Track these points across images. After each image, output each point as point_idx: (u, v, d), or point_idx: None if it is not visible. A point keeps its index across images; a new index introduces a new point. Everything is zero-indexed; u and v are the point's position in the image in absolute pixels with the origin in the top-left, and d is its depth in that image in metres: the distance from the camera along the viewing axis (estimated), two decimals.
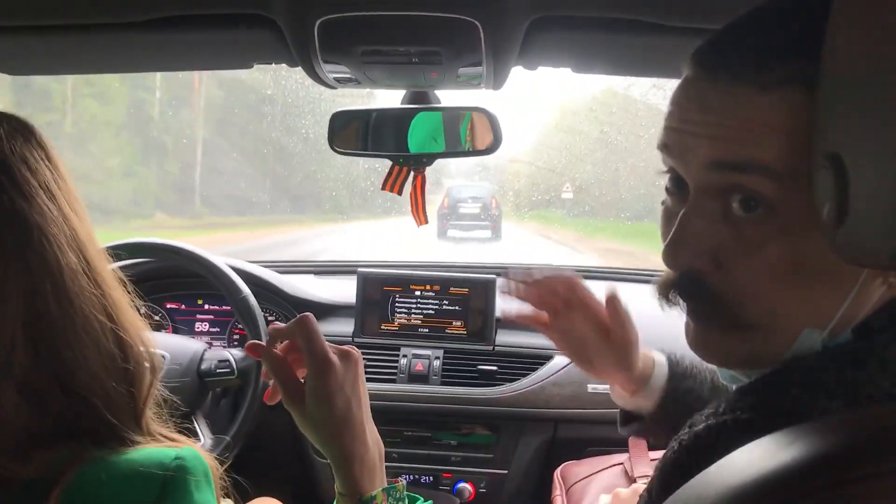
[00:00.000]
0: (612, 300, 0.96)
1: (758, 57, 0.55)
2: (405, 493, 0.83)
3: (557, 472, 1.48)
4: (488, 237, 10.77)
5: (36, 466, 0.64)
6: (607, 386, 1.63)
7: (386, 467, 1.66)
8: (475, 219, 10.83)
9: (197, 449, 0.72)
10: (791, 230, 0.55)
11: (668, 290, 0.63)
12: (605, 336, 0.98)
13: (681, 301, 0.63)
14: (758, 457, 0.44)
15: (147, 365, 0.74)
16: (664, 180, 0.65)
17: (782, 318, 0.58)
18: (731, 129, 0.55)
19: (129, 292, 0.77)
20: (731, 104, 0.55)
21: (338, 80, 1.07)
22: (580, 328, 0.98)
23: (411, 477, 1.70)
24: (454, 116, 1.28)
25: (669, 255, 0.60)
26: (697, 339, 0.64)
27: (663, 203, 0.65)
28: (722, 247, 0.58)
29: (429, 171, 1.29)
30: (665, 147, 0.61)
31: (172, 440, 0.74)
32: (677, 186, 0.62)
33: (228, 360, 1.55)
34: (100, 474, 0.65)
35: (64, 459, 0.65)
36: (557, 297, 0.99)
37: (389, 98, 1.27)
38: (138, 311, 0.78)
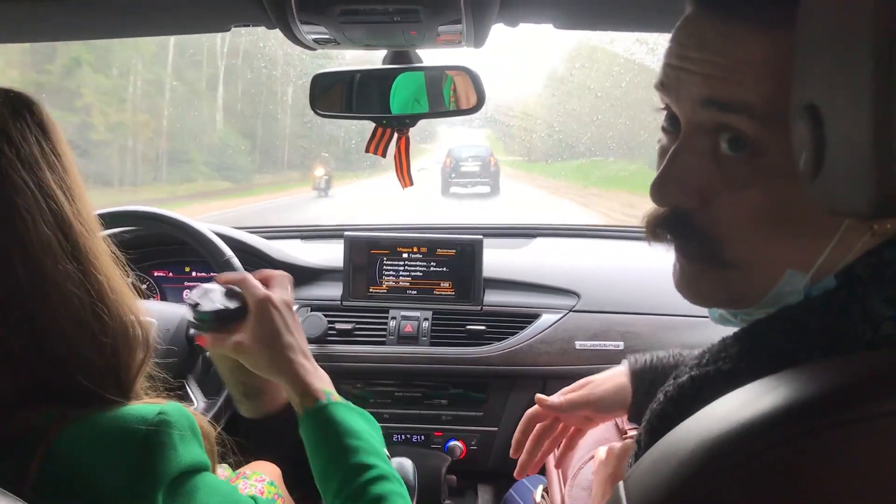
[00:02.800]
0: (541, 404, 1.10)
1: None
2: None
3: None
4: (487, 192, 11.67)
5: (18, 425, 0.65)
6: (595, 342, 1.66)
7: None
8: (475, 176, 11.80)
9: (184, 407, 0.72)
10: (776, 173, 0.55)
11: (657, 227, 0.63)
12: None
13: (668, 238, 0.64)
14: (737, 405, 0.45)
15: (141, 339, 0.74)
16: (661, 118, 0.65)
17: (764, 259, 0.58)
18: (723, 68, 0.56)
19: (123, 268, 0.76)
20: (725, 43, 0.56)
21: (317, 41, 1.05)
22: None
23: (403, 436, 1.73)
24: (437, 76, 1.26)
25: (657, 189, 0.61)
26: (682, 277, 0.65)
27: (659, 141, 0.66)
28: (709, 184, 0.59)
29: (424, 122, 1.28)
30: (661, 84, 0.62)
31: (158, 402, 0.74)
32: (672, 125, 0.63)
33: None
34: (83, 432, 0.66)
35: (48, 419, 0.65)
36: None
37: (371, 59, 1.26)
38: (135, 287, 0.78)
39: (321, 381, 0.92)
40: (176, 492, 0.68)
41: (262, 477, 1.42)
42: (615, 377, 1.06)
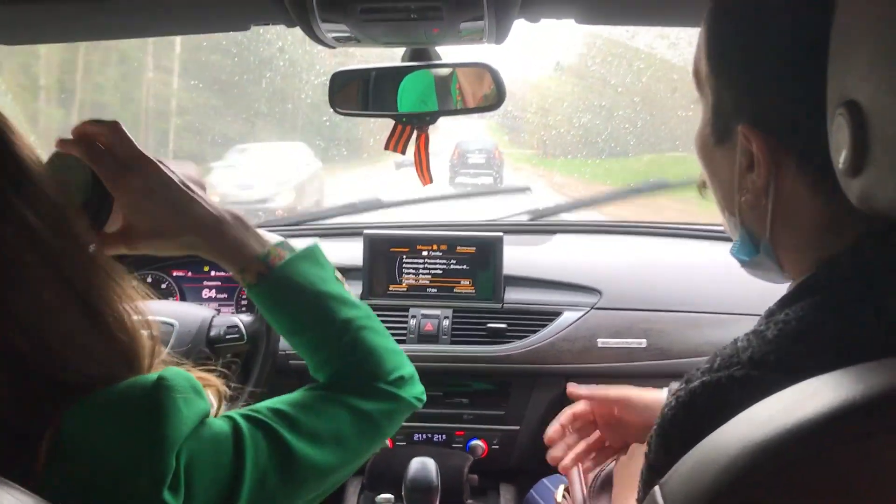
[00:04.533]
0: (573, 395, 1.09)
1: None
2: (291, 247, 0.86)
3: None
4: (491, 183, 12.18)
5: (22, 415, 0.64)
6: (618, 340, 1.65)
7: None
8: (481, 167, 12.49)
9: (183, 369, 0.72)
10: (701, 116, 0.68)
11: None
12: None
13: None
14: (779, 410, 0.44)
15: (149, 342, 0.74)
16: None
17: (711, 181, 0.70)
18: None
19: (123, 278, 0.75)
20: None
21: (337, 39, 1.05)
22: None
23: (424, 436, 1.72)
24: (445, 74, 1.26)
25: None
26: None
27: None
28: None
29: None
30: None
31: None
32: None
33: (237, 326, 1.55)
34: (86, 408, 0.65)
35: (51, 407, 0.65)
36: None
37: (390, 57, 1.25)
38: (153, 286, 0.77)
39: (255, 238, 0.83)
40: (190, 446, 0.67)
41: None
42: (655, 393, 1.05)
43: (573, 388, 1.09)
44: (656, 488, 0.49)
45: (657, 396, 1.04)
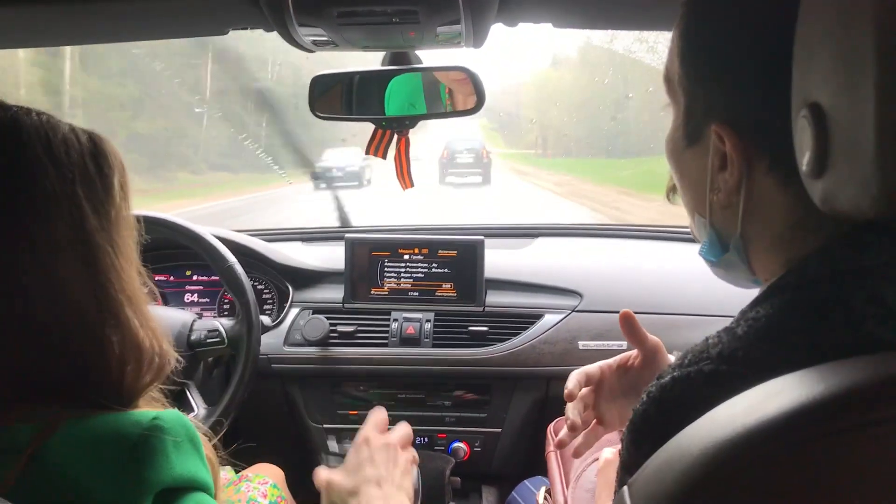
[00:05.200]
0: (626, 319, 1.02)
1: None
2: None
3: (551, 427, 1.49)
4: (479, 182, 12.95)
5: (15, 416, 0.64)
6: (598, 342, 1.65)
7: None
8: (469, 167, 13.16)
9: (185, 416, 0.71)
10: (671, 121, 0.70)
11: None
12: (638, 366, 1.04)
13: None
14: (741, 411, 0.44)
15: (155, 363, 0.74)
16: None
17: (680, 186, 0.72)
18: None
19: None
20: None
21: (315, 43, 1.05)
22: (617, 388, 1.04)
23: None
24: (435, 77, 1.26)
25: None
26: None
27: None
28: None
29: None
30: None
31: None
32: None
33: (218, 330, 1.55)
34: (74, 434, 0.64)
35: (45, 416, 0.64)
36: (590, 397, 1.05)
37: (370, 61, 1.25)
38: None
39: None
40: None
41: (266, 479, 1.41)
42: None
43: (629, 313, 1.03)
44: (624, 488, 0.50)
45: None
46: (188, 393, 1.52)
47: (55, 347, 0.67)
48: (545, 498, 1.31)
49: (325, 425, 1.73)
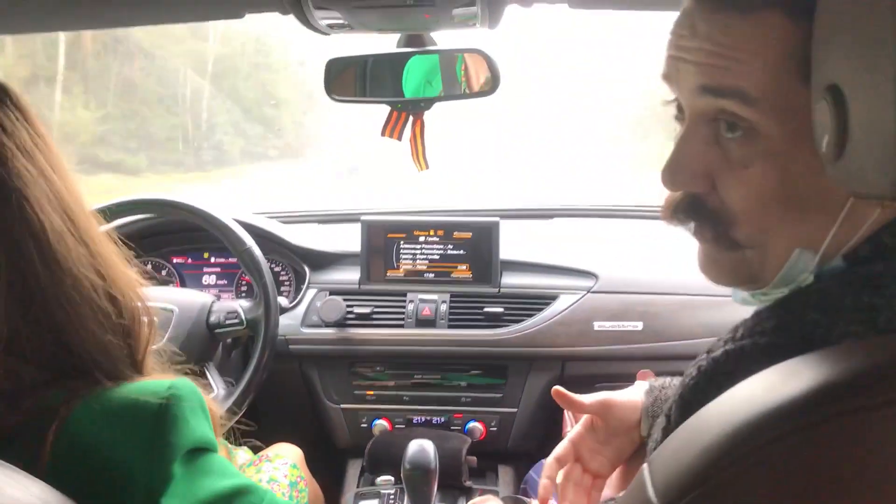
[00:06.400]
0: (559, 397, 1.02)
1: None
2: None
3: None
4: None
5: (31, 406, 0.65)
6: (614, 323, 1.66)
7: (397, 410, 1.69)
8: None
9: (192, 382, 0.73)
10: (775, 152, 0.57)
11: (675, 212, 0.66)
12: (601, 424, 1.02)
13: (687, 222, 0.66)
14: (760, 390, 0.44)
15: (145, 319, 0.75)
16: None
17: (773, 238, 0.60)
18: (714, 55, 0.58)
19: (121, 249, 0.77)
20: (716, 30, 0.58)
21: (330, 26, 1.05)
22: (595, 444, 1.02)
23: (423, 419, 1.73)
24: (451, 58, 1.26)
25: (666, 175, 0.64)
26: (702, 259, 0.68)
27: (675, 130, 0.68)
28: (713, 168, 0.61)
29: None
30: (665, 76, 0.64)
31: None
32: (681, 113, 0.65)
33: (237, 312, 1.56)
34: (95, 408, 0.66)
35: (59, 397, 0.66)
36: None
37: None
38: (137, 266, 0.79)
39: None
40: (191, 466, 0.69)
41: (286, 460, 1.43)
42: (632, 394, 1.03)
43: (559, 390, 1.03)
44: (644, 465, 0.50)
45: (633, 396, 1.02)
46: (208, 373, 1.54)
47: (72, 334, 0.68)
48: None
49: (342, 405, 1.74)
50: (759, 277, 0.63)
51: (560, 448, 1.03)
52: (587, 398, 1.02)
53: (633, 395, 1.02)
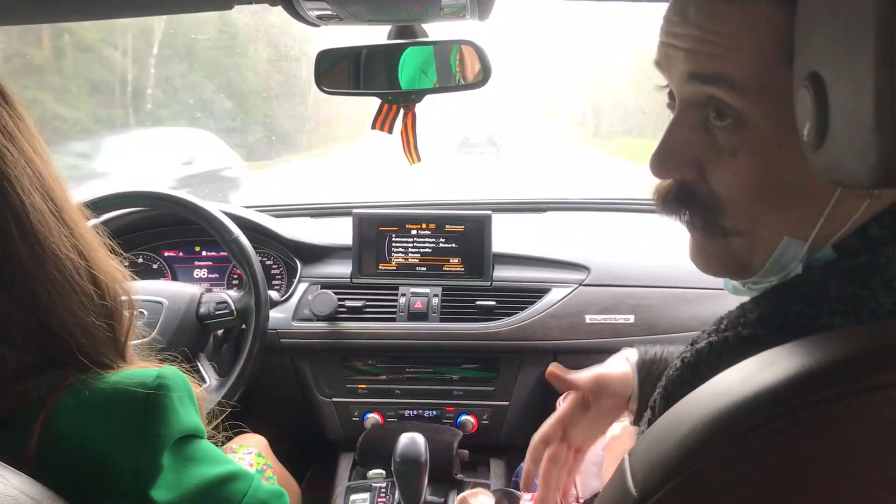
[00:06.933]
0: (552, 377, 1.01)
1: None
2: None
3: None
4: (493, 157, 13.80)
5: (16, 397, 0.65)
6: (605, 316, 1.66)
7: (389, 404, 1.69)
8: (482, 143, 14.11)
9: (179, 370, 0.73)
10: (763, 141, 0.57)
11: (664, 200, 0.66)
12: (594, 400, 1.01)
13: (677, 211, 0.66)
14: (738, 379, 0.44)
15: (125, 299, 0.75)
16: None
17: (762, 227, 0.60)
18: (704, 43, 0.58)
19: (105, 241, 0.77)
20: (705, 18, 0.58)
21: (320, 17, 1.04)
22: (586, 421, 1.01)
23: (415, 412, 1.73)
24: (443, 50, 1.25)
25: (655, 163, 0.63)
26: (693, 248, 0.67)
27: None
28: (702, 155, 0.61)
29: None
30: (657, 62, 0.65)
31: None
32: (672, 100, 0.65)
33: (226, 302, 1.56)
34: (81, 399, 0.66)
35: (46, 387, 0.66)
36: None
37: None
38: (124, 258, 0.78)
39: None
40: (179, 454, 0.69)
41: (250, 449, 1.44)
42: (623, 366, 1.02)
43: (554, 371, 1.02)
44: (625, 456, 0.50)
45: (621, 367, 1.01)
46: (200, 365, 1.54)
47: (55, 316, 0.68)
48: None
49: (333, 399, 1.74)
50: (748, 266, 0.63)
51: (546, 427, 1.01)
52: (581, 376, 1.00)
53: (624, 366, 1.00)
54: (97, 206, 1.53)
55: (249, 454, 1.42)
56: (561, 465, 1.00)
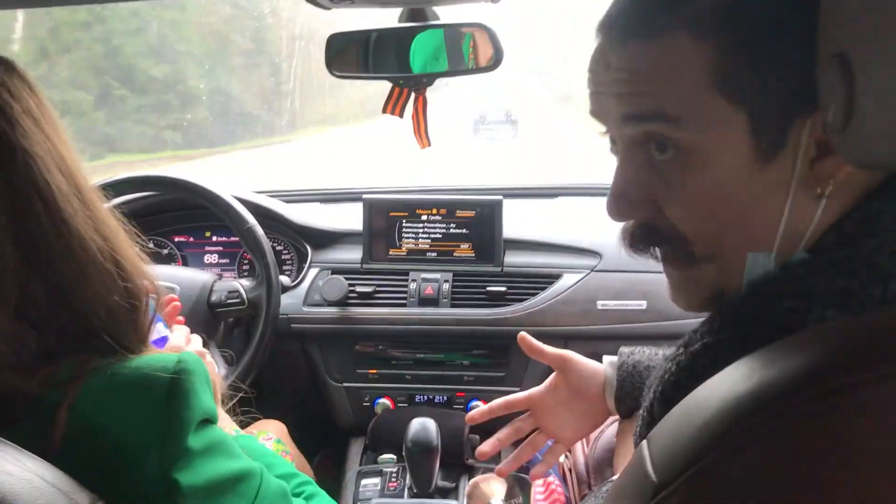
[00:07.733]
0: (523, 342, 1.12)
1: (643, 9, 0.59)
2: None
3: None
4: (510, 135, 13.14)
5: (41, 380, 0.66)
6: (617, 301, 1.65)
7: (400, 389, 1.70)
8: (500, 121, 13.14)
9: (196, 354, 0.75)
10: (706, 164, 0.58)
11: (633, 244, 0.67)
12: (561, 382, 1.10)
13: (651, 249, 0.67)
14: (761, 364, 0.44)
15: (145, 282, 0.76)
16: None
17: (727, 249, 0.61)
18: (632, 84, 0.59)
19: (126, 226, 0.78)
20: (628, 60, 0.59)
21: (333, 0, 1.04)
22: (554, 406, 1.11)
23: (425, 397, 1.74)
24: (455, 34, 1.24)
25: (610, 207, 0.65)
26: (671, 286, 0.69)
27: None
28: (653, 191, 0.62)
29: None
30: (591, 112, 0.66)
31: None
32: (615, 144, 0.66)
33: (238, 291, 1.56)
34: (107, 382, 0.67)
35: (70, 371, 0.67)
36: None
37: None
38: (140, 243, 0.79)
39: None
40: (200, 438, 0.70)
41: (269, 435, 1.44)
42: (593, 364, 1.09)
43: (524, 336, 1.12)
44: (644, 442, 0.50)
45: (593, 365, 1.08)
46: (210, 352, 1.54)
47: (79, 297, 0.69)
48: (565, 456, 1.32)
49: (344, 384, 1.75)
50: (727, 290, 0.63)
51: (514, 395, 1.13)
52: (548, 348, 1.10)
53: (594, 362, 1.09)
54: (112, 189, 1.53)
55: (269, 440, 1.42)
56: (527, 439, 1.12)
